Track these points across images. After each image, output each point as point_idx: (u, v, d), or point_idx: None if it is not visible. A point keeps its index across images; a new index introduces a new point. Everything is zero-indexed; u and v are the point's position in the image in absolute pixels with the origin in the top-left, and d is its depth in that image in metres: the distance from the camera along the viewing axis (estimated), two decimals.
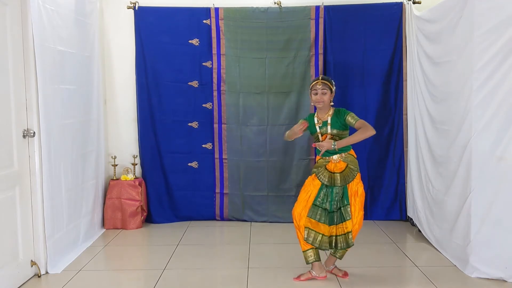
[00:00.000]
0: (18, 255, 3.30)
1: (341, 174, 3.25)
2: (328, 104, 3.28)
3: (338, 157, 3.24)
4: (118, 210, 4.65)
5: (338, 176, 3.24)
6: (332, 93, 3.29)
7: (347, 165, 3.24)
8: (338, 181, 3.24)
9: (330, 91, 3.27)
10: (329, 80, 3.31)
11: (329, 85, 3.27)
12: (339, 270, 3.45)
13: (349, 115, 3.22)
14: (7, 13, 3.18)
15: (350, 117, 3.21)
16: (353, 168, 3.24)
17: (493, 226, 3.30)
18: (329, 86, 3.27)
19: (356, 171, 3.25)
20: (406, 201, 4.80)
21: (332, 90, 3.28)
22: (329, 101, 3.28)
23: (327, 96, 3.26)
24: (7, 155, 3.19)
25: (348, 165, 3.24)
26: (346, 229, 3.26)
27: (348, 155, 3.26)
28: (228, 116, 4.86)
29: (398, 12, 4.71)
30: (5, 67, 3.17)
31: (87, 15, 4.32)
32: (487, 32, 3.23)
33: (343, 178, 3.24)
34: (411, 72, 4.55)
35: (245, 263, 3.73)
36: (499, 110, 3.23)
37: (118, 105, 4.93)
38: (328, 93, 3.26)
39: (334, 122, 3.25)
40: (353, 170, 3.24)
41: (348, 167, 3.24)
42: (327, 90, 3.25)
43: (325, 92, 3.25)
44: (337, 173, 3.25)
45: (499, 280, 3.28)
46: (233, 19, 4.76)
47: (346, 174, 3.24)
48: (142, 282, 3.50)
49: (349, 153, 3.28)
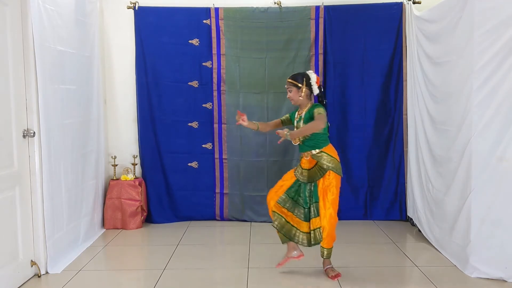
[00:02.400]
0: (18, 255, 3.30)
1: (309, 171, 3.33)
2: (298, 99, 3.37)
3: (309, 154, 3.33)
4: (118, 210, 4.65)
5: (306, 172, 3.34)
6: (299, 89, 3.34)
7: (316, 163, 3.30)
8: (305, 178, 3.34)
9: (296, 87, 3.35)
10: (294, 78, 3.39)
11: (293, 83, 3.36)
12: (332, 270, 3.41)
13: (316, 110, 3.26)
14: (7, 13, 3.18)
15: (315, 112, 3.25)
16: (323, 166, 3.27)
17: (493, 226, 3.30)
18: (294, 84, 3.36)
19: (326, 170, 3.27)
20: (406, 201, 4.80)
21: (298, 86, 3.34)
22: (297, 97, 3.36)
23: (293, 93, 3.37)
24: (7, 155, 3.19)
25: (317, 164, 3.29)
26: (315, 226, 3.34)
27: (321, 153, 3.30)
28: (228, 116, 4.85)
29: (398, 12, 4.71)
30: (5, 67, 3.17)
31: (87, 15, 4.32)
32: (487, 32, 3.23)
33: (310, 175, 3.33)
34: (411, 72, 4.55)
35: (245, 263, 3.73)
36: (499, 110, 3.23)
37: (118, 105, 4.93)
38: (294, 90, 3.36)
39: (306, 117, 3.34)
40: (322, 169, 3.28)
41: (317, 165, 3.29)
42: (292, 87, 3.36)
43: (290, 90, 3.38)
44: (305, 170, 3.35)
45: (499, 280, 3.28)
46: (233, 19, 4.76)
47: (313, 172, 3.31)
48: (142, 282, 3.50)
49: (322, 151, 3.30)
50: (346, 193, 4.92)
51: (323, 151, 3.31)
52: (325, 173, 3.27)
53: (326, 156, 3.29)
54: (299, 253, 3.49)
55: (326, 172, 3.27)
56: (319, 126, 3.17)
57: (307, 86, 3.34)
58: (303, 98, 3.35)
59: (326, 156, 3.29)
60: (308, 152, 3.34)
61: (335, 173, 3.28)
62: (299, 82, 3.35)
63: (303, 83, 3.34)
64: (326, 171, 3.27)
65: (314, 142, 3.31)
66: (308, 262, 3.76)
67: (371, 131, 4.84)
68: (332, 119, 4.85)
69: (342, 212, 4.89)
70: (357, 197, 4.93)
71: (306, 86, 3.34)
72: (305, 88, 3.33)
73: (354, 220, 4.88)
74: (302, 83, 3.34)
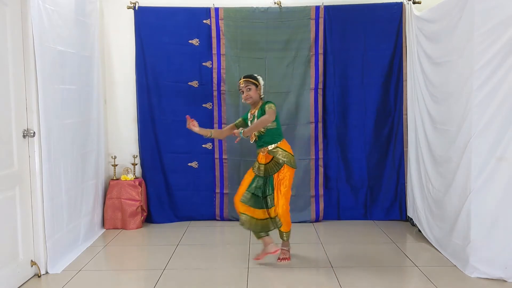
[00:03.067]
0: (18, 255, 3.30)
1: (265, 166, 3.56)
2: (257, 98, 3.57)
3: (265, 150, 3.55)
4: (118, 210, 4.65)
5: (263, 167, 3.56)
6: (258, 87, 3.56)
7: (273, 158, 3.52)
8: (262, 172, 3.57)
9: (255, 86, 3.55)
10: (252, 77, 3.59)
11: (252, 81, 3.56)
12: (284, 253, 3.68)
13: (267, 105, 3.45)
14: (7, 13, 3.18)
15: (266, 107, 3.44)
16: (279, 160, 3.50)
17: (493, 226, 3.30)
18: (252, 82, 3.55)
19: (282, 164, 3.50)
20: (406, 201, 4.80)
21: (257, 85, 3.56)
22: (256, 95, 3.56)
23: (252, 92, 3.54)
24: (7, 155, 3.19)
25: (273, 158, 3.52)
26: (274, 214, 3.59)
27: (276, 148, 3.52)
28: (228, 116, 4.85)
29: (398, 12, 4.71)
30: (5, 67, 3.17)
31: (87, 15, 4.32)
32: (487, 32, 3.23)
33: (266, 169, 3.56)
34: (411, 72, 4.55)
35: (245, 263, 3.73)
36: (499, 110, 3.23)
37: (118, 105, 4.93)
38: (253, 88, 3.55)
39: (259, 114, 3.52)
40: (278, 163, 3.50)
41: (273, 160, 3.52)
42: (251, 85, 3.54)
43: (249, 88, 3.54)
44: (262, 164, 3.57)
45: (499, 280, 3.28)
46: (233, 19, 4.76)
47: (270, 167, 3.55)
48: (142, 282, 3.50)
49: (277, 146, 3.52)
50: (346, 193, 4.94)
51: (278, 146, 3.53)
52: (281, 167, 3.51)
53: (281, 151, 3.52)
54: (275, 248, 3.65)
55: (281, 167, 3.51)
56: (269, 119, 3.37)
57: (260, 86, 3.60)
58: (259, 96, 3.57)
59: (281, 151, 3.52)
60: (264, 148, 3.55)
61: (289, 166, 3.52)
62: (257, 80, 3.59)
63: (258, 82, 3.59)
64: (282, 165, 3.51)
65: (269, 138, 3.52)
66: (308, 262, 3.77)
67: (371, 131, 4.84)
68: (332, 119, 4.86)
69: (342, 212, 4.95)
70: (357, 197, 4.93)
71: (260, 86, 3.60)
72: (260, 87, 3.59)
73: (354, 220, 4.88)
74: (258, 82, 3.59)
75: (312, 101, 4.79)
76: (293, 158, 3.58)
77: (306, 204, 4.85)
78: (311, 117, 4.80)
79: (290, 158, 3.54)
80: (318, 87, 4.79)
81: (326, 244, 4.17)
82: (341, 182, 4.93)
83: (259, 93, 3.57)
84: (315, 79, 4.78)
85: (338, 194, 4.94)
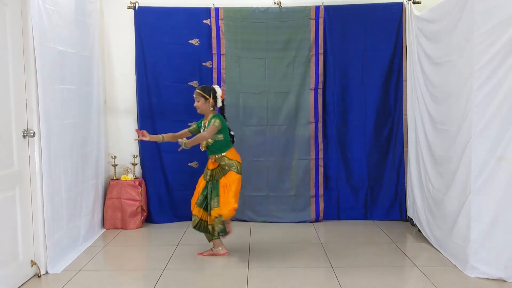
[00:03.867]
0: (18, 255, 3.30)
1: (211, 171, 3.84)
2: (206, 109, 3.80)
3: (213, 157, 3.83)
4: (118, 210, 4.65)
5: (210, 172, 3.85)
6: (206, 100, 3.78)
7: (219, 165, 3.81)
8: (207, 177, 3.85)
9: (204, 98, 3.77)
10: (203, 89, 3.81)
11: (201, 94, 3.78)
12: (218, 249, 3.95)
13: (212, 121, 3.71)
14: (7, 13, 3.18)
15: (211, 122, 3.71)
16: (224, 167, 3.80)
17: (492, 226, 3.30)
18: (201, 94, 3.78)
19: (227, 170, 3.79)
20: (406, 201, 4.80)
21: (206, 97, 3.77)
22: (204, 107, 3.80)
23: (200, 103, 3.79)
24: (7, 155, 3.19)
25: (220, 165, 3.81)
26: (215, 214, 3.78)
27: (222, 157, 3.80)
28: (228, 116, 4.80)
29: (398, 12, 4.71)
30: (5, 67, 3.17)
31: (87, 15, 4.32)
32: (487, 32, 3.23)
33: (212, 174, 3.84)
34: (411, 72, 4.55)
35: (245, 263, 3.73)
36: (499, 110, 3.23)
37: (118, 105, 4.93)
38: (201, 100, 3.78)
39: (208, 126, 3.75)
40: (223, 170, 3.80)
41: (219, 167, 3.81)
42: (200, 97, 3.78)
43: (198, 100, 3.79)
44: (209, 170, 3.86)
45: (499, 280, 3.27)
46: (233, 19, 4.76)
47: (215, 172, 3.83)
48: (142, 282, 3.50)
49: (223, 155, 3.80)
50: (346, 193, 4.94)
51: (224, 155, 3.80)
52: (226, 173, 3.79)
53: (227, 160, 3.80)
54: (224, 250, 3.92)
55: (226, 172, 3.79)
56: (205, 136, 3.67)
57: (213, 99, 3.80)
58: (210, 109, 3.79)
59: (227, 159, 3.80)
60: (213, 155, 3.83)
61: (235, 172, 3.80)
62: (207, 94, 3.78)
63: (210, 96, 3.78)
64: (227, 171, 3.80)
65: (216, 148, 3.79)
66: (309, 261, 3.77)
67: (371, 131, 4.84)
68: (332, 119, 4.86)
69: (342, 212, 4.95)
70: (357, 197, 4.93)
71: (212, 99, 3.79)
72: (211, 100, 3.78)
73: (354, 220, 4.89)
74: (209, 95, 3.78)
75: (312, 101, 4.79)
76: (239, 165, 3.84)
77: (306, 204, 4.85)
78: (311, 117, 4.80)
79: (236, 165, 3.82)
80: (318, 87, 4.79)
81: (326, 244, 4.17)
82: (341, 182, 4.93)
83: (209, 105, 3.78)
84: (315, 79, 4.78)
85: (338, 194, 4.94)
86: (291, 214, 4.87)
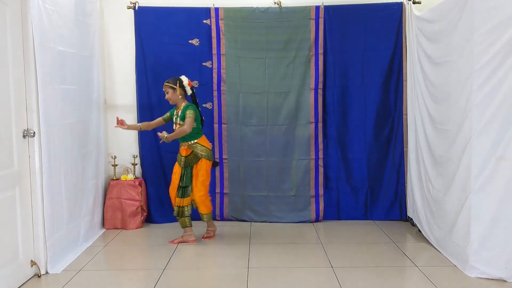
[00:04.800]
0: (18, 255, 3.30)
1: (186, 158, 4.09)
2: (176, 99, 4.07)
3: (186, 144, 4.06)
4: (118, 210, 4.65)
5: (184, 159, 4.09)
6: (174, 90, 4.04)
7: (192, 151, 4.05)
8: (182, 163, 4.10)
9: (172, 89, 4.04)
10: (170, 81, 4.06)
11: (169, 85, 4.06)
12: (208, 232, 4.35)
13: (187, 112, 3.99)
14: (7, 13, 3.18)
15: (186, 114, 3.98)
16: (198, 154, 4.06)
17: (492, 226, 3.30)
18: (169, 86, 4.05)
19: (200, 157, 4.06)
20: (406, 201, 4.80)
21: (173, 87, 4.04)
22: (175, 97, 4.06)
23: (170, 94, 4.06)
24: (7, 155, 3.19)
25: (193, 152, 4.05)
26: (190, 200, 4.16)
27: (195, 143, 4.06)
28: (228, 116, 4.86)
29: (398, 12, 4.71)
30: (5, 67, 3.17)
31: (87, 15, 4.32)
32: (487, 32, 3.23)
33: (186, 161, 4.09)
34: (411, 72, 4.55)
35: (245, 263, 3.73)
36: (499, 110, 3.23)
37: (118, 105, 4.93)
38: (170, 91, 4.05)
39: (182, 115, 4.04)
40: (196, 156, 4.06)
41: (193, 153, 4.06)
42: (168, 89, 4.06)
43: (167, 92, 4.07)
44: (183, 157, 4.09)
45: (499, 280, 3.28)
46: (233, 19, 4.76)
47: (189, 159, 4.08)
48: (142, 282, 3.50)
49: (196, 142, 4.06)
50: (346, 193, 4.94)
51: (197, 142, 4.07)
52: (199, 160, 4.07)
53: (200, 146, 4.07)
54: (194, 238, 4.21)
55: (200, 159, 4.07)
56: (187, 130, 3.93)
57: (180, 88, 4.05)
58: (179, 98, 4.05)
59: (200, 146, 4.07)
60: (185, 142, 4.07)
61: (206, 159, 4.08)
62: (174, 84, 4.05)
63: (177, 85, 4.03)
64: (200, 158, 4.07)
65: (189, 135, 4.02)
66: (309, 261, 3.77)
67: (371, 131, 4.84)
68: (332, 119, 4.86)
69: (342, 212, 4.95)
70: (357, 197, 4.93)
71: (180, 88, 4.04)
72: (179, 89, 4.03)
73: (354, 220, 4.89)
74: (176, 85, 4.03)
75: (312, 101, 4.79)
76: (210, 152, 4.15)
77: (306, 204, 4.85)
78: (311, 117, 4.80)
79: (207, 153, 4.11)
80: (318, 87, 4.79)
81: (326, 244, 4.17)
82: (341, 182, 4.93)
83: (177, 94, 4.04)
84: (315, 79, 4.78)
85: (338, 194, 4.94)
86: (291, 214, 4.87)
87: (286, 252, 3.98)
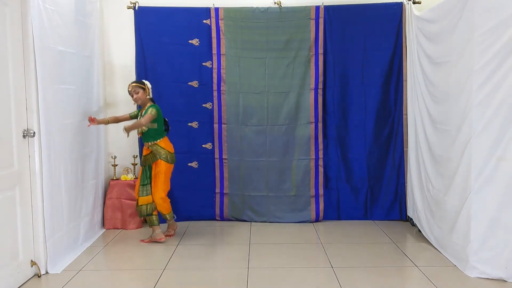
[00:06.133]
0: (18, 255, 3.30)
1: (145, 156, 4.22)
2: (144, 99, 4.14)
3: (147, 144, 4.17)
4: (118, 210, 4.65)
5: (143, 157, 4.25)
6: (144, 90, 4.12)
7: (151, 151, 4.16)
8: (143, 162, 4.24)
9: (142, 89, 4.12)
10: (139, 82, 4.17)
11: (139, 86, 4.12)
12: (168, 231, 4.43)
13: (149, 110, 4.05)
14: (7, 13, 3.18)
15: (148, 111, 4.04)
16: (156, 155, 4.14)
17: (492, 226, 3.30)
18: (139, 86, 4.12)
19: (157, 158, 4.14)
20: (406, 201, 4.80)
21: (144, 88, 4.12)
22: (143, 97, 4.13)
23: (140, 94, 4.12)
24: (7, 155, 3.19)
25: (152, 152, 4.16)
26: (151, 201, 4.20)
27: (155, 144, 4.14)
28: (228, 116, 4.86)
29: (398, 12, 4.71)
30: (5, 67, 3.17)
31: (87, 15, 4.32)
32: (487, 32, 3.23)
33: (146, 159, 4.21)
34: (411, 72, 4.55)
35: (245, 263, 3.73)
36: (499, 110, 3.23)
37: (118, 105, 4.93)
38: (140, 91, 4.11)
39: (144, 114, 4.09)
40: (154, 157, 4.16)
41: (152, 153, 4.17)
42: (139, 89, 4.11)
43: (137, 92, 4.12)
44: (143, 156, 4.25)
45: (499, 280, 3.28)
46: (233, 19, 4.76)
47: (148, 157, 4.20)
48: (142, 282, 3.50)
49: (156, 143, 4.14)
50: (346, 193, 4.94)
51: (157, 143, 4.14)
52: (157, 160, 4.15)
53: (159, 148, 4.14)
54: (161, 236, 4.24)
55: (157, 160, 4.15)
56: (140, 124, 4.01)
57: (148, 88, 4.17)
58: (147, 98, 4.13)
59: (160, 148, 4.14)
60: (147, 142, 4.17)
61: (165, 162, 4.14)
62: (143, 84, 4.14)
63: (145, 86, 4.14)
64: (157, 159, 4.15)
65: (150, 135, 4.12)
66: (309, 261, 3.77)
67: (371, 131, 4.84)
68: (332, 119, 4.86)
69: (342, 212, 4.95)
70: (357, 197, 4.93)
71: (147, 88, 4.16)
72: (147, 89, 4.15)
73: (354, 220, 4.89)
74: (145, 85, 4.14)
75: (312, 101, 4.79)
76: (170, 155, 4.17)
77: (306, 204, 4.85)
78: (311, 117, 4.80)
79: (166, 155, 4.15)
80: (318, 87, 4.79)
81: (326, 244, 4.17)
82: (341, 182, 4.93)
83: (146, 95, 4.12)
84: (315, 79, 4.78)
85: (338, 194, 4.94)
86: (291, 214, 4.87)
87: (286, 252, 3.98)
